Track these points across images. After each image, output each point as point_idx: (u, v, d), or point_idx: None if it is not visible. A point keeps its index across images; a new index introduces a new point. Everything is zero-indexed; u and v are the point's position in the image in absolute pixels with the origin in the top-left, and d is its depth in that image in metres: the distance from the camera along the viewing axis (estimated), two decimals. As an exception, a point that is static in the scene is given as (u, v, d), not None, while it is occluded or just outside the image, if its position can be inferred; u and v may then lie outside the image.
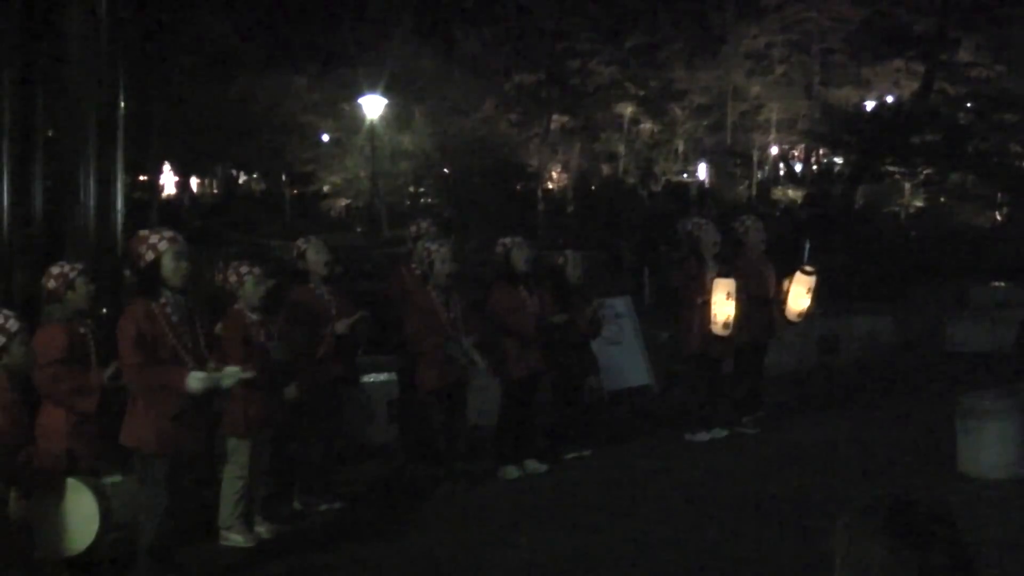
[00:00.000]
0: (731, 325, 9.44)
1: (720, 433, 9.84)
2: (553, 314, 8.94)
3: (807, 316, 10.22)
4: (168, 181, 38.94)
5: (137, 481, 6.35)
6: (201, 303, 7.31)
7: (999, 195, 33.02)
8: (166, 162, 36.37)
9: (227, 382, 6.34)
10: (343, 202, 37.11)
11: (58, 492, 6.11)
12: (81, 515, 6.12)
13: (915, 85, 32.84)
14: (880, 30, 32.94)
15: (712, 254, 9.64)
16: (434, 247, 8.51)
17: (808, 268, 10.00)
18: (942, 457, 8.65)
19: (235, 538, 7.14)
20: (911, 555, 2.08)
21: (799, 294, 9.90)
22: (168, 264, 6.20)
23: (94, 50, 8.18)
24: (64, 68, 8.18)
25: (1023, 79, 31.47)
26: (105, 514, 6.14)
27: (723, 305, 9.41)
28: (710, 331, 9.47)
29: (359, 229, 33.09)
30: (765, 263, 10.13)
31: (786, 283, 9.97)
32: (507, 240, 8.99)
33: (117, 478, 6.50)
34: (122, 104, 8.66)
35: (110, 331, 6.60)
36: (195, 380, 6.10)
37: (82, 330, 6.56)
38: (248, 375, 6.42)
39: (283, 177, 39.31)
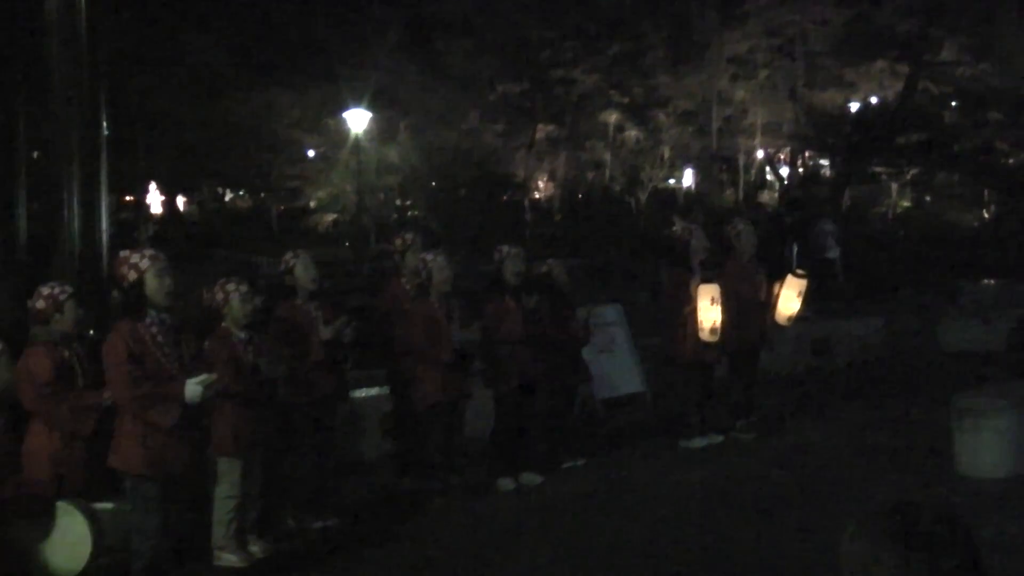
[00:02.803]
0: (718, 331, 9.41)
1: (715, 439, 9.80)
2: (544, 323, 8.88)
3: (796, 320, 10.19)
4: (155, 200, 38.84)
5: (128, 503, 6.29)
6: (192, 322, 7.26)
7: (986, 193, 33.10)
8: (152, 181, 36.30)
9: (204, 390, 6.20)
10: (330, 217, 37.05)
11: (48, 516, 6.05)
12: (72, 538, 6.07)
13: (899, 85, 32.84)
14: (863, 31, 32.96)
15: (700, 260, 9.61)
16: (429, 257, 8.47)
17: (800, 271, 9.99)
18: (939, 457, 8.65)
19: (229, 558, 7.06)
20: (921, 559, 2.04)
21: (789, 297, 9.87)
22: (151, 283, 6.15)
23: (76, 72, 8.12)
24: (46, 90, 8.11)
25: (1007, 77, 31.52)
26: (97, 537, 6.09)
27: (708, 311, 9.37)
28: (699, 338, 9.43)
29: (346, 244, 33.02)
30: (756, 267, 10.10)
31: (777, 286, 9.94)
32: (504, 248, 8.93)
33: (108, 505, 6.42)
34: (105, 125, 8.61)
35: (96, 353, 6.54)
36: (192, 388, 6.03)
37: (66, 353, 6.51)
38: (210, 379, 6.25)
39: (269, 193, 39.26)
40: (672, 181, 41.64)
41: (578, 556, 7.14)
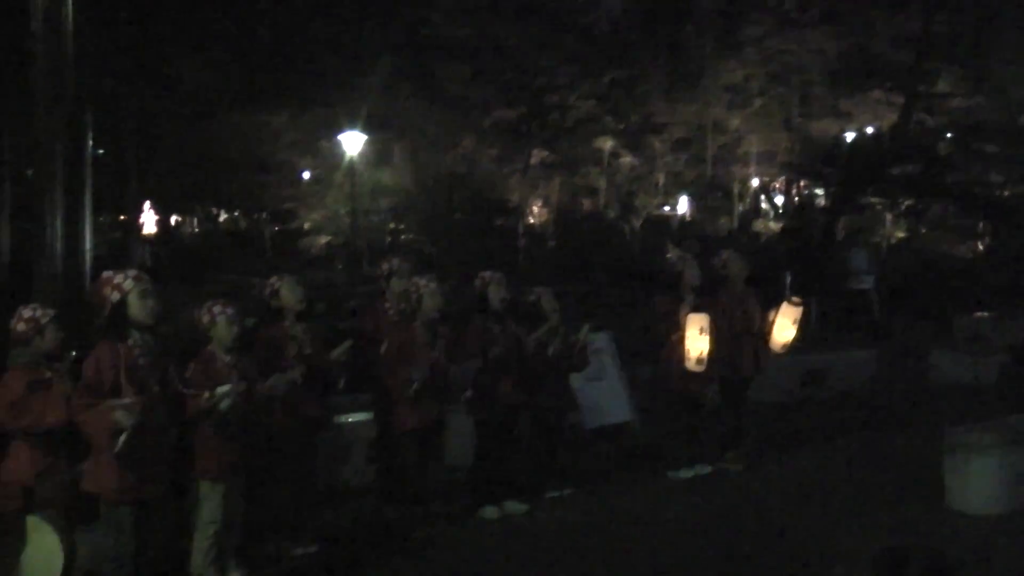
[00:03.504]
0: (704, 360, 9.30)
1: (703, 469, 9.70)
2: (528, 351, 8.80)
3: (791, 348, 10.09)
4: (148, 220, 38.77)
5: (103, 528, 6.19)
6: (181, 343, 7.19)
7: (980, 225, 33.09)
8: (146, 201, 36.25)
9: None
10: (323, 239, 36.98)
11: (19, 531, 5.97)
12: (43, 554, 5.98)
13: (894, 116, 32.88)
14: (858, 62, 33.05)
15: (691, 288, 9.53)
16: (423, 282, 8.41)
17: (795, 299, 9.89)
18: (930, 491, 8.56)
19: (208, 584, 6.96)
20: None
21: (784, 325, 9.78)
22: (135, 303, 6.09)
23: (60, 90, 8.07)
24: (30, 108, 8.05)
25: (1001, 109, 31.58)
26: (68, 552, 6.00)
27: (696, 340, 9.27)
28: (686, 367, 9.35)
29: (339, 266, 32.94)
30: (749, 295, 10.01)
31: (772, 314, 9.86)
32: (487, 275, 8.87)
33: (88, 536, 6.33)
34: (90, 144, 8.56)
35: (78, 375, 6.46)
36: (120, 411, 5.88)
37: (47, 373, 6.41)
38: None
39: (263, 215, 39.21)
40: (667, 208, 41.64)
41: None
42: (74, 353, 7.40)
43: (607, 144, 36.03)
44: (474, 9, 32.49)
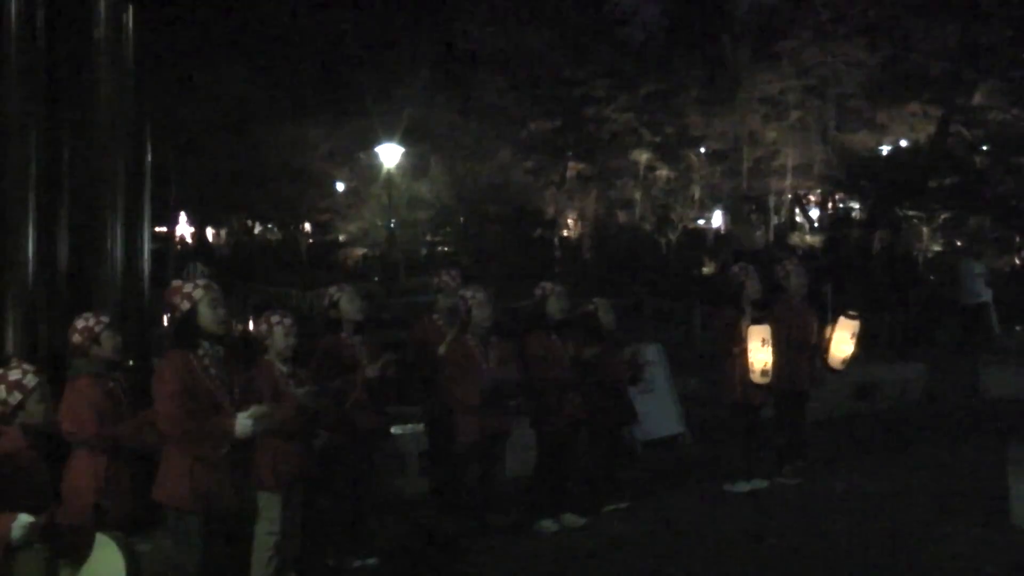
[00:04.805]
0: (769, 372, 9.23)
1: (760, 484, 9.58)
2: (590, 363, 8.74)
3: (850, 362, 9.98)
4: (184, 232, 38.97)
5: (169, 538, 6.15)
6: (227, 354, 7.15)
7: (1017, 238, 32.83)
8: (182, 212, 36.44)
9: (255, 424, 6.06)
10: (359, 251, 37.02)
11: (86, 548, 5.92)
12: (107, 572, 5.92)
13: (931, 129, 32.71)
14: (896, 74, 32.86)
15: (751, 301, 9.44)
16: (469, 294, 8.37)
17: (852, 312, 9.79)
18: (992, 508, 8.42)
19: (268, 596, 6.92)
20: None
21: (843, 339, 9.67)
22: (205, 312, 6.04)
23: (122, 99, 8.07)
24: (92, 118, 8.04)
25: (1040, 122, 31.36)
26: (132, 571, 5.95)
27: (759, 352, 9.20)
28: (749, 379, 9.26)
29: (376, 278, 32.98)
30: (807, 308, 9.92)
31: (828, 329, 9.76)
32: (546, 286, 8.83)
33: (147, 546, 6.29)
34: (149, 155, 8.57)
35: (137, 383, 6.41)
36: (243, 423, 5.89)
37: (111, 384, 6.38)
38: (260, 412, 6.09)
39: (300, 227, 39.30)
40: (702, 221, 41.48)
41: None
42: (132, 363, 7.39)
43: (643, 157, 35.93)
44: (511, 21, 32.52)
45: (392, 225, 33.07)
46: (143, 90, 8.35)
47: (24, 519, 5.11)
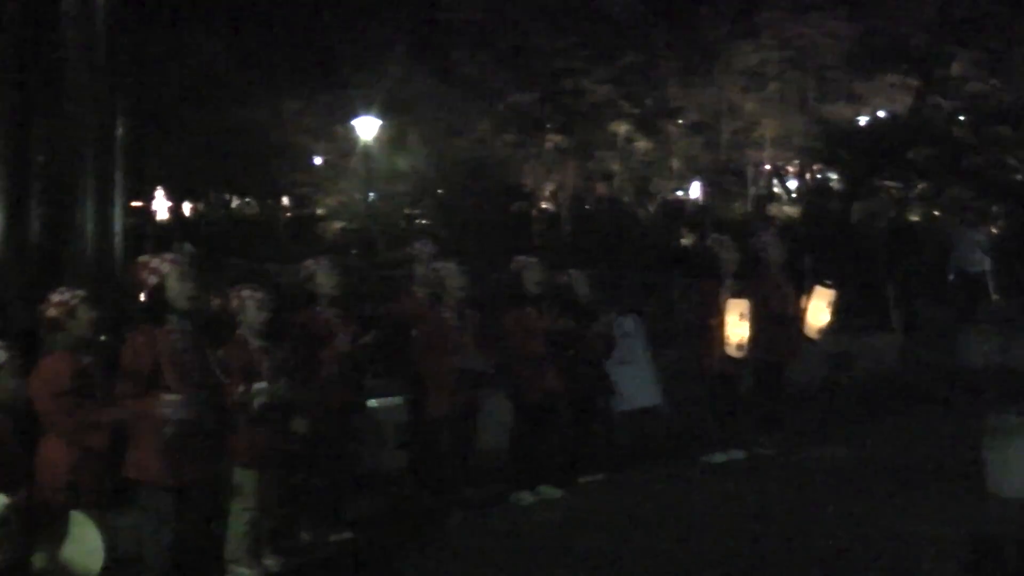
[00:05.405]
0: (745, 347, 9.26)
1: (737, 454, 9.62)
2: (566, 335, 8.72)
3: (826, 332, 10.01)
4: (161, 206, 38.66)
5: (142, 513, 6.12)
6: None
7: (994, 209, 32.92)
8: (159, 187, 36.19)
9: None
10: (338, 225, 36.85)
11: (62, 526, 5.89)
12: (85, 549, 5.89)
13: (909, 100, 32.71)
14: (874, 45, 32.83)
15: (730, 273, 9.45)
16: (440, 265, 8.34)
17: (828, 282, 9.83)
18: (969, 475, 8.47)
19: (242, 571, 6.90)
20: None
21: (819, 309, 9.72)
22: (173, 286, 5.99)
23: (91, 73, 7.97)
24: (61, 92, 7.94)
25: (1018, 93, 31.38)
26: (110, 548, 5.92)
27: (736, 326, 9.23)
28: (725, 352, 9.27)
29: (354, 252, 32.84)
30: (784, 280, 9.94)
31: (804, 299, 9.79)
32: (521, 259, 8.83)
33: (124, 522, 6.26)
34: (120, 127, 8.47)
35: (110, 360, 6.36)
36: (168, 407, 5.84)
37: (85, 360, 6.32)
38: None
39: (278, 200, 39.10)
40: (680, 192, 41.43)
41: (597, 572, 6.99)
42: (103, 338, 7.32)
43: (622, 128, 35.82)
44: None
45: (371, 198, 32.88)
46: (114, 63, 8.22)
47: (0, 499, 5.08)
